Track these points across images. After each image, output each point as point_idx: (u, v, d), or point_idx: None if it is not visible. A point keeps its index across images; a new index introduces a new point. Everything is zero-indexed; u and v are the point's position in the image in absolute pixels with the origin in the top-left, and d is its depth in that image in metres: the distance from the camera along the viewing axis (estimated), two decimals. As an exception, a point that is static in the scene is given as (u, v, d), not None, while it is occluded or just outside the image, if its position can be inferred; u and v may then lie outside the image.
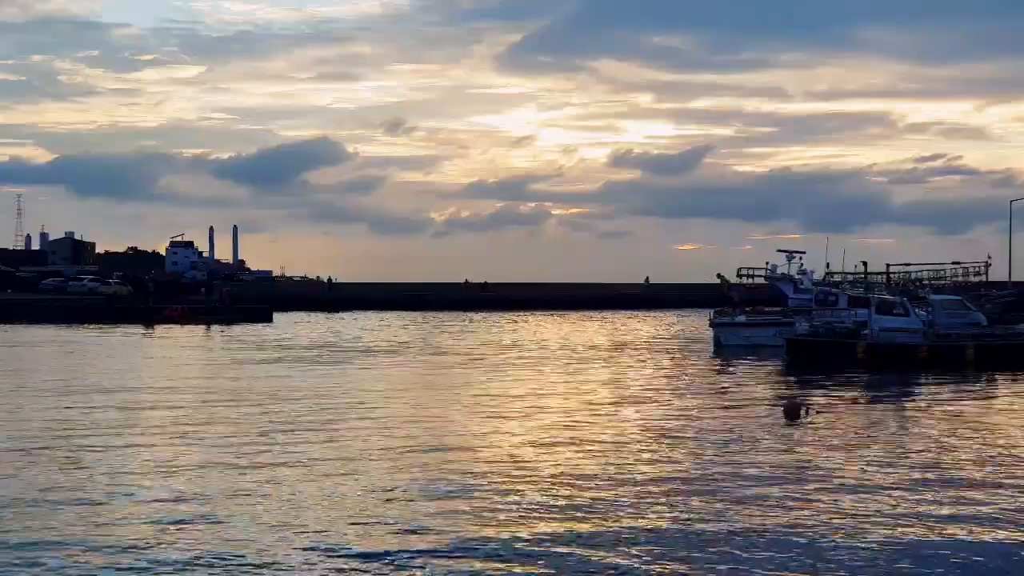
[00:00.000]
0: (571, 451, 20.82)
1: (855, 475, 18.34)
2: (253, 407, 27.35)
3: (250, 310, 80.00)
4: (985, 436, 22.98)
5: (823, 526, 14.67)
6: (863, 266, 59.12)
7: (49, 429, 23.33)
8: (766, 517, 15.14)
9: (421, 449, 20.82)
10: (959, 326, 43.66)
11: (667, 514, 15.36)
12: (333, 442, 21.63)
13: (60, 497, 16.24)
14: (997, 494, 16.86)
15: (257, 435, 22.58)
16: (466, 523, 14.79)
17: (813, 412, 26.32)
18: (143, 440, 21.97)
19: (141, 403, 28.43)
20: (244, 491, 16.80)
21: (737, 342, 51.98)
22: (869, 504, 16.04)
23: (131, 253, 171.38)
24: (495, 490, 16.96)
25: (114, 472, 18.36)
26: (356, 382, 34.61)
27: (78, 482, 17.47)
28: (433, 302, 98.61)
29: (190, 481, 17.61)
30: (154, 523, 14.75)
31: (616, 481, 17.75)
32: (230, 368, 39.78)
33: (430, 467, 18.92)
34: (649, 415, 26.66)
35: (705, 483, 17.56)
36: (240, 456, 19.92)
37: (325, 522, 14.80)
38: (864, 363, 40.61)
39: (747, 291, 62.24)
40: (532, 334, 64.31)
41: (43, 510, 15.42)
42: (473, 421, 25.14)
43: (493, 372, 38.55)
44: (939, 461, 19.77)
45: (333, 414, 25.95)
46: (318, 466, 18.91)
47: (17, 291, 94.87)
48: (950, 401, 30.08)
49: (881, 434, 23.31)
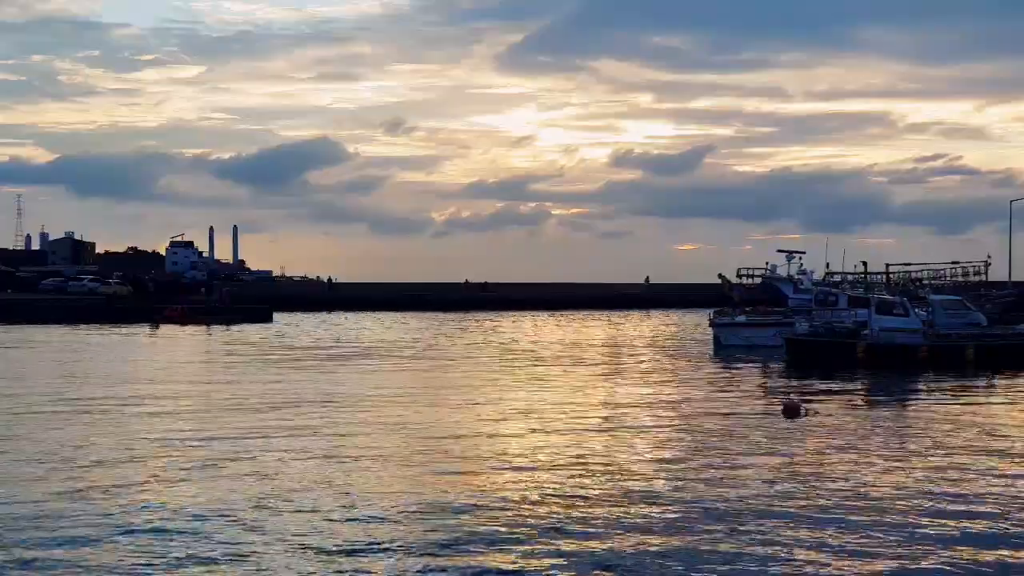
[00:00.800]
0: (568, 450, 20.81)
1: (854, 475, 18.34)
2: (252, 411, 27.34)
3: (250, 310, 80.00)
4: (985, 436, 22.98)
5: (823, 526, 14.68)
6: (863, 266, 59.11)
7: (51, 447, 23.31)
8: (765, 517, 15.14)
9: (421, 450, 20.84)
10: (959, 326, 43.66)
11: (665, 513, 15.36)
12: (333, 445, 21.63)
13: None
14: (997, 494, 16.87)
15: (258, 439, 22.57)
16: (465, 522, 14.80)
17: (812, 412, 26.35)
18: (142, 450, 21.96)
19: (137, 410, 28.42)
20: (246, 495, 16.81)
21: (737, 342, 51.98)
22: (868, 504, 16.04)
23: (131, 253, 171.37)
24: (496, 490, 16.97)
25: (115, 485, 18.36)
26: (355, 383, 34.58)
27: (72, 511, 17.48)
28: (433, 302, 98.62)
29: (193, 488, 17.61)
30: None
31: (615, 480, 17.75)
32: (230, 368, 39.78)
33: (430, 469, 18.94)
34: (648, 415, 26.66)
35: (704, 482, 17.56)
36: (241, 460, 19.93)
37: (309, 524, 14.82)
38: (864, 363, 40.60)
39: (747, 291, 62.22)
40: (531, 334, 64.30)
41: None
42: (472, 421, 25.12)
43: (493, 372, 38.53)
44: (939, 461, 19.76)
45: (333, 415, 25.96)
46: (318, 470, 18.92)
47: (17, 291, 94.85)
48: (950, 401, 30.08)
49: (880, 434, 23.31)
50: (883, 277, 58.95)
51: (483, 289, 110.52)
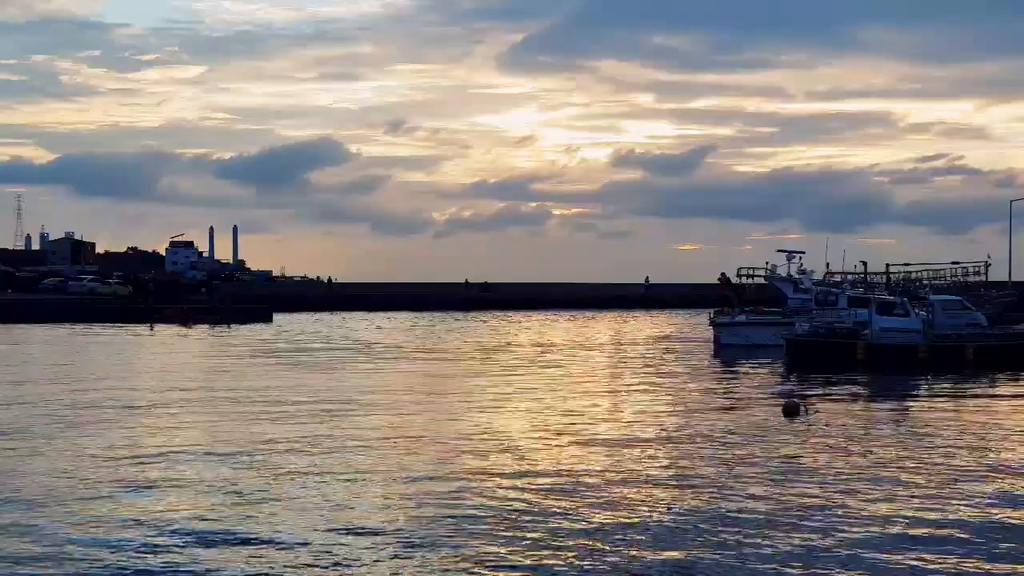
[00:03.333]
0: (570, 450, 20.81)
1: (854, 474, 18.32)
2: (251, 414, 27.33)
3: (250, 310, 79.99)
4: (984, 436, 22.97)
5: (821, 525, 14.66)
6: (863, 266, 59.10)
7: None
8: (765, 517, 15.13)
9: (419, 454, 20.83)
10: (959, 326, 43.66)
11: (664, 513, 15.35)
12: (332, 449, 21.63)
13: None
14: (997, 494, 16.85)
15: (260, 442, 22.57)
16: (464, 526, 14.80)
17: (812, 412, 26.34)
18: (139, 457, 21.94)
19: (136, 411, 28.41)
20: (246, 501, 16.80)
21: (737, 342, 52.00)
22: (868, 504, 16.03)
23: (131, 253, 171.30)
24: (494, 491, 16.97)
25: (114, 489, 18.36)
26: (354, 384, 34.57)
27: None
28: (434, 302, 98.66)
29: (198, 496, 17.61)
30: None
31: (614, 480, 17.74)
32: (229, 370, 39.76)
33: (429, 469, 18.93)
34: (648, 414, 26.64)
35: (704, 482, 17.55)
36: (242, 467, 19.93)
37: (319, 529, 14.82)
38: (864, 363, 40.60)
39: (743, 291, 61.95)
40: (531, 334, 64.27)
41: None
42: (471, 420, 25.09)
43: (492, 373, 38.51)
44: (938, 461, 19.75)
45: (331, 417, 25.97)
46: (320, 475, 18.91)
47: (17, 291, 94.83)
48: (950, 401, 30.07)
49: (880, 434, 23.30)
50: (883, 277, 58.94)
51: (484, 289, 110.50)
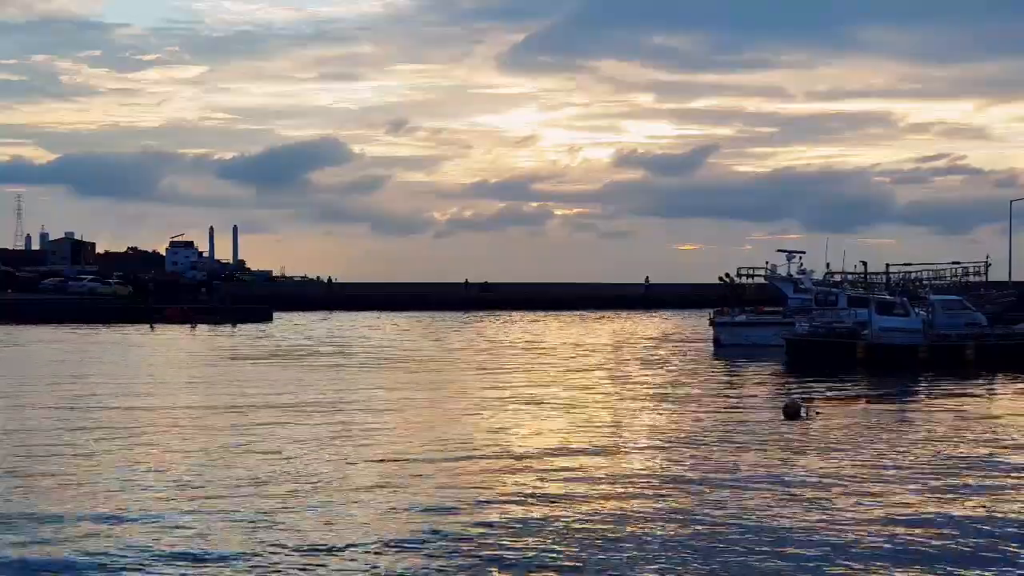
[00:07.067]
0: (570, 450, 20.80)
1: (854, 474, 18.33)
2: (251, 415, 27.34)
3: (250, 310, 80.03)
4: (985, 436, 22.97)
5: (821, 525, 14.66)
6: (863, 266, 59.04)
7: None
8: (765, 517, 15.13)
9: (420, 454, 20.84)
10: (959, 326, 43.65)
11: (664, 513, 15.35)
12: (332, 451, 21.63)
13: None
14: (997, 495, 16.86)
15: (261, 446, 22.57)
16: (464, 525, 14.80)
17: (812, 412, 26.33)
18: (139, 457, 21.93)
19: (138, 417, 28.40)
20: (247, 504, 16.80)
21: (737, 342, 52.00)
22: (868, 504, 16.03)
23: (131, 253, 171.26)
24: (493, 492, 16.96)
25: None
26: (354, 385, 34.58)
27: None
28: (434, 302, 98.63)
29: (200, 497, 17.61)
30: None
31: (614, 480, 17.75)
32: (229, 370, 39.78)
33: (429, 471, 18.94)
34: (648, 414, 26.65)
35: (704, 482, 17.55)
36: (241, 467, 19.92)
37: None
38: (864, 363, 40.60)
39: (743, 291, 61.87)
40: (532, 334, 64.28)
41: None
42: (472, 422, 25.11)
43: (492, 373, 38.51)
44: (939, 461, 19.75)
45: (333, 415, 25.96)
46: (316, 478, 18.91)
47: (17, 291, 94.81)
48: (950, 401, 30.07)
49: (880, 434, 23.30)
50: (883, 277, 58.87)
51: (484, 289, 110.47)
